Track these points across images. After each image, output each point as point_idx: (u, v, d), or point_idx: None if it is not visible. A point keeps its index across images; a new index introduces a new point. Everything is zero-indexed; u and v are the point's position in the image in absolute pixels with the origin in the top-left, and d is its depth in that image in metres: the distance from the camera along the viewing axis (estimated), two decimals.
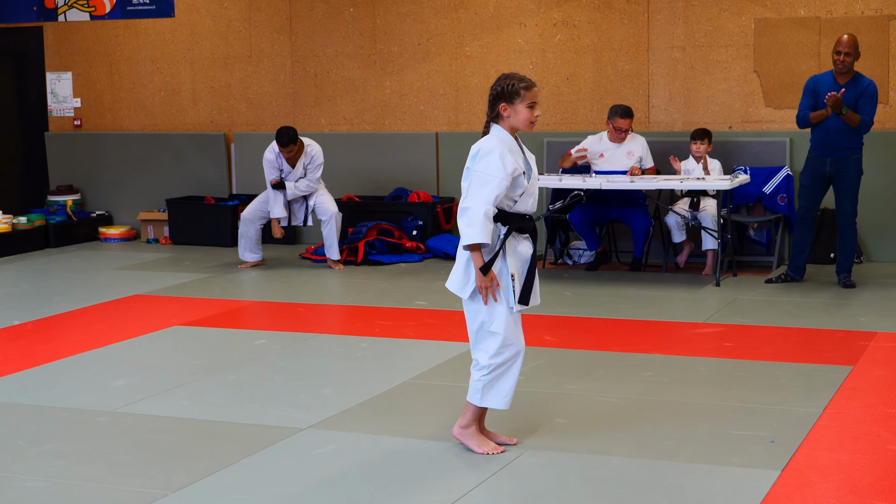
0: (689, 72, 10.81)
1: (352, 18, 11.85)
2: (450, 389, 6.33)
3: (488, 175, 5.08)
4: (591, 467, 5.05)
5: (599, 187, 9.61)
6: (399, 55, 11.73)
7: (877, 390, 6.19)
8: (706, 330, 7.76)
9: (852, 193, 9.03)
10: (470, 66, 11.51)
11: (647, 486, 4.82)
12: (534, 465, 5.09)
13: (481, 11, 11.41)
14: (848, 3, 10.30)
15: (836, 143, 8.96)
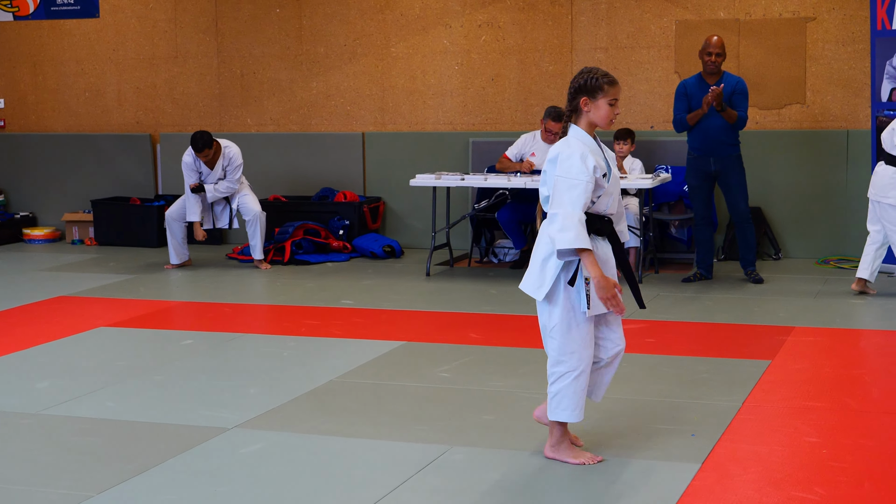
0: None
1: (278, 19, 11.80)
2: (376, 388, 6.33)
3: (573, 179, 4.80)
4: (516, 462, 5.07)
5: (525, 186, 9.65)
6: (325, 56, 11.70)
7: (794, 384, 6.28)
8: (628, 326, 7.79)
9: (742, 189, 9.14)
10: (396, 66, 11.50)
11: (570, 480, 4.85)
12: (459, 461, 5.09)
13: (407, 13, 11.41)
14: (766, 5, 10.44)
15: (716, 141, 9.08)
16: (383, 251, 10.90)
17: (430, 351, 7.15)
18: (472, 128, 11.34)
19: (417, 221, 11.48)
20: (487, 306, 8.57)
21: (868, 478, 4.77)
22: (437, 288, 9.39)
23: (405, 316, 8.31)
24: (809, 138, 10.40)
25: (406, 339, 7.45)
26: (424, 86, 11.45)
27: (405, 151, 11.50)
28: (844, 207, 10.34)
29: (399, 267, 10.45)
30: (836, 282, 9.26)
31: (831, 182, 10.39)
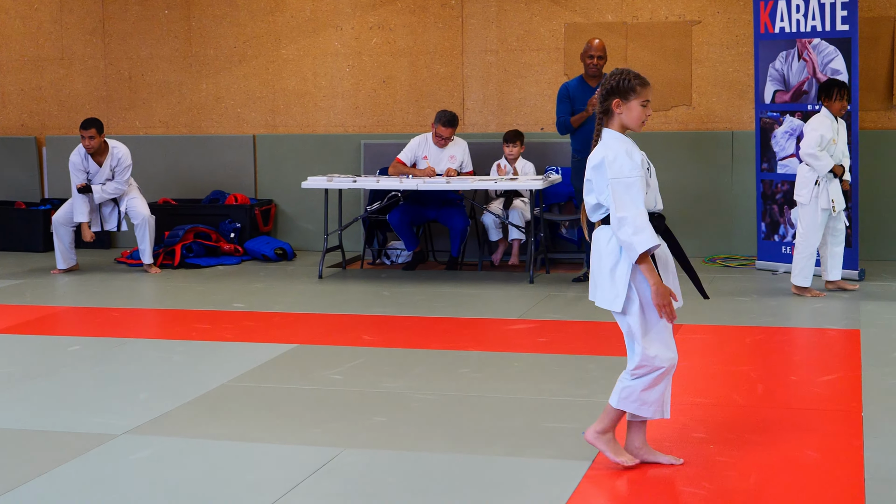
0: (502, 75, 10.95)
1: (166, 21, 11.65)
2: (268, 391, 6.27)
3: (627, 178, 4.68)
4: (409, 463, 5.06)
5: (417, 188, 9.66)
6: (215, 58, 11.58)
7: (682, 381, 6.36)
8: (521, 326, 7.87)
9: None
10: (286, 68, 11.43)
11: (463, 480, 4.85)
12: (352, 463, 5.07)
13: (297, 15, 11.35)
14: (653, 9, 10.58)
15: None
16: (275, 254, 10.82)
17: (323, 353, 7.12)
18: (363, 130, 11.31)
19: (309, 224, 11.43)
20: (380, 308, 8.56)
21: (754, 472, 4.85)
22: (330, 290, 9.35)
23: (297, 319, 8.26)
24: (695, 139, 10.57)
25: (298, 342, 7.40)
26: (315, 88, 11.39)
27: (296, 154, 11.44)
28: (730, 207, 10.53)
29: (291, 269, 10.39)
30: (722, 280, 9.42)
31: (717, 182, 10.57)
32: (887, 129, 10.21)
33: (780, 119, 9.68)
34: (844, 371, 6.49)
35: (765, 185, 9.84)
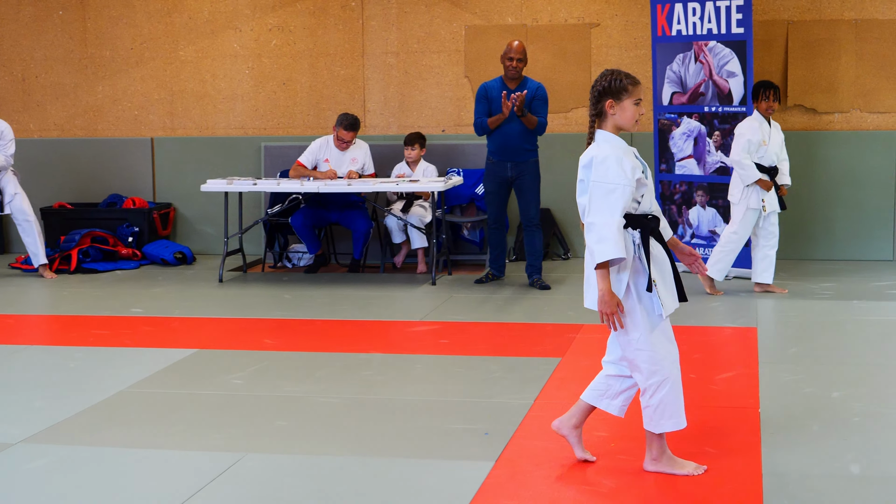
0: (403, 77, 10.96)
1: (61, 22, 11.46)
2: (168, 397, 6.20)
3: (610, 184, 4.63)
4: (312, 467, 5.03)
5: (318, 191, 9.62)
6: (112, 59, 11.42)
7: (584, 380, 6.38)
8: (423, 328, 7.87)
9: (535, 195, 9.18)
10: (185, 70, 11.31)
11: (367, 483, 4.84)
12: (254, 468, 5.03)
13: (196, 16, 11.23)
14: (552, 11, 10.67)
15: (515, 147, 9.09)
16: (174, 258, 10.70)
17: (223, 358, 7.05)
18: (264, 132, 11.24)
19: (209, 227, 11.32)
20: (281, 311, 8.51)
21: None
22: (231, 294, 9.27)
23: (197, 323, 8.17)
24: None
25: (198, 347, 7.32)
26: (215, 90, 11.29)
27: (196, 156, 11.33)
28: None
29: (191, 273, 10.28)
30: None
31: None
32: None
33: (677, 120, 9.82)
34: (742, 368, 6.60)
35: (663, 186, 9.97)
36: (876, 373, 6.48)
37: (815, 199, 10.34)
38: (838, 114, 10.35)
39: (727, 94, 9.46)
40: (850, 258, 10.30)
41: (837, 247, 10.32)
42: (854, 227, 10.35)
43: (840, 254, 10.32)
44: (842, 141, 10.30)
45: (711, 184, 9.61)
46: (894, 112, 10.27)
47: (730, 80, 9.42)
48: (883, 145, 10.26)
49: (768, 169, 8.68)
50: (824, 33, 10.27)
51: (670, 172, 9.90)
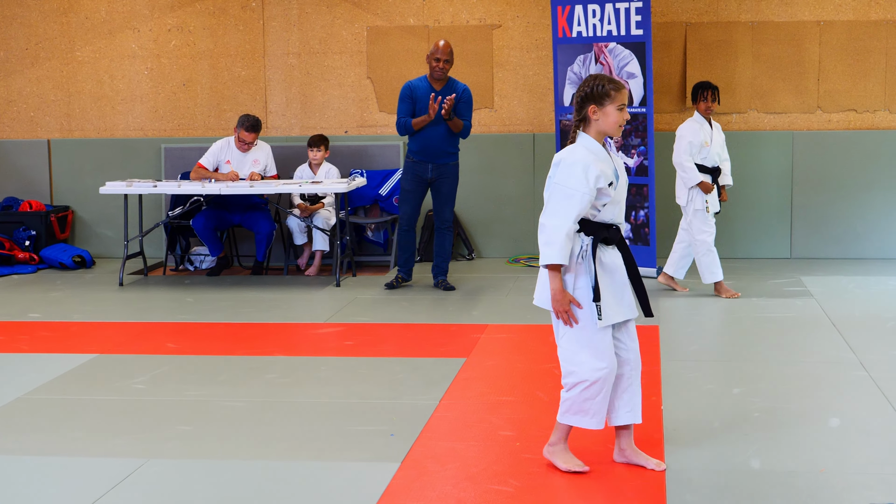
0: (305, 77, 10.91)
1: None
2: (68, 403, 6.10)
3: (570, 189, 4.66)
4: (216, 472, 4.99)
5: (220, 192, 9.53)
6: (6, 60, 11.20)
7: (488, 380, 6.45)
8: (328, 330, 7.85)
9: (451, 198, 9.15)
10: (82, 71, 11.14)
11: (272, 487, 4.81)
12: (158, 473, 4.97)
13: (92, 16, 11.07)
14: (454, 13, 10.69)
15: (438, 148, 9.01)
16: (73, 262, 10.54)
17: (125, 362, 6.95)
18: (164, 134, 11.11)
19: (109, 230, 11.16)
20: (184, 315, 8.41)
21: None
22: (131, 298, 9.15)
23: (97, 327, 8.05)
24: (499, 142, 10.73)
25: (99, 352, 7.21)
26: (113, 91, 11.13)
27: (94, 158, 11.16)
28: (532, 208, 10.72)
29: (90, 277, 10.13)
30: (526, 280, 9.58)
31: (519, 184, 10.75)
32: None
33: None
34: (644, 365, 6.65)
35: None
36: (775, 369, 6.60)
37: None
38: (736, 114, 10.53)
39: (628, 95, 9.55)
40: (748, 256, 10.48)
41: (736, 245, 10.49)
42: (752, 226, 10.53)
43: (739, 252, 10.50)
44: (740, 141, 10.47)
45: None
46: (790, 112, 10.47)
47: (630, 81, 9.53)
48: (779, 145, 10.46)
49: (711, 169, 8.68)
50: (722, 35, 10.44)
51: None
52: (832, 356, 6.90)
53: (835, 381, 6.33)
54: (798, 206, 10.47)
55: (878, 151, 10.39)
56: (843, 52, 10.36)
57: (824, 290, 8.96)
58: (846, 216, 10.43)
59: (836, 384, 6.28)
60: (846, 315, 8.00)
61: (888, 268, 9.90)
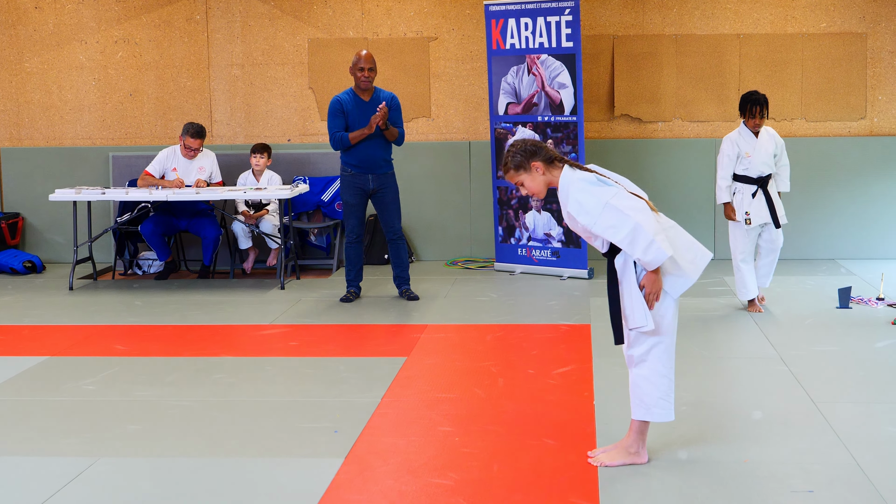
0: (248, 88, 10.84)
1: None
2: (18, 404, 6.01)
3: (604, 200, 4.69)
4: (165, 470, 4.94)
5: (167, 199, 9.45)
6: None
7: (428, 377, 6.45)
8: (273, 331, 7.80)
9: (397, 207, 8.80)
10: (31, 82, 10.99)
11: (219, 483, 4.78)
12: (107, 472, 4.91)
13: (40, 28, 10.92)
14: (392, 25, 10.68)
15: (377, 159, 8.68)
16: (24, 267, 10.39)
17: (74, 364, 6.87)
18: (111, 142, 10.99)
19: (59, 236, 11.02)
20: (132, 318, 8.33)
21: (496, 460, 4.96)
22: (81, 301, 9.04)
23: (47, 331, 7.94)
24: (436, 149, 10.73)
25: (49, 354, 7.12)
26: (61, 101, 11.00)
27: (43, 166, 11.01)
28: (469, 213, 10.73)
29: (40, 282, 9.99)
30: (464, 281, 9.58)
31: (456, 189, 10.75)
32: (610, 138, 10.63)
33: (513, 130, 9.93)
34: (577, 363, 6.71)
35: (501, 192, 10.07)
36: (700, 365, 6.66)
37: None
38: (661, 123, 10.61)
39: (559, 105, 9.61)
40: None
41: None
42: None
43: None
44: (665, 148, 10.56)
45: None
46: (712, 121, 10.57)
47: (561, 91, 9.57)
48: (702, 152, 10.55)
49: (755, 179, 8.18)
50: (647, 47, 10.52)
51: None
52: (754, 352, 6.97)
53: (757, 376, 6.40)
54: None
55: (795, 157, 10.49)
56: (762, 63, 10.48)
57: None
58: None
59: (758, 379, 6.35)
60: (767, 313, 8.08)
61: (806, 268, 10.02)
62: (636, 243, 4.62)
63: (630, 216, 4.62)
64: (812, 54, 10.43)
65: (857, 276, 9.51)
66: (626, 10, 10.51)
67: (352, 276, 8.92)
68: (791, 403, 5.81)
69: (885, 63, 10.41)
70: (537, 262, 9.92)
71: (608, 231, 4.66)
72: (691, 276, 4.82)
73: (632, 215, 4.63)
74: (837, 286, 8.74)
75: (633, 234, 4.61)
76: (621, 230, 4.63)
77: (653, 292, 4.73)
